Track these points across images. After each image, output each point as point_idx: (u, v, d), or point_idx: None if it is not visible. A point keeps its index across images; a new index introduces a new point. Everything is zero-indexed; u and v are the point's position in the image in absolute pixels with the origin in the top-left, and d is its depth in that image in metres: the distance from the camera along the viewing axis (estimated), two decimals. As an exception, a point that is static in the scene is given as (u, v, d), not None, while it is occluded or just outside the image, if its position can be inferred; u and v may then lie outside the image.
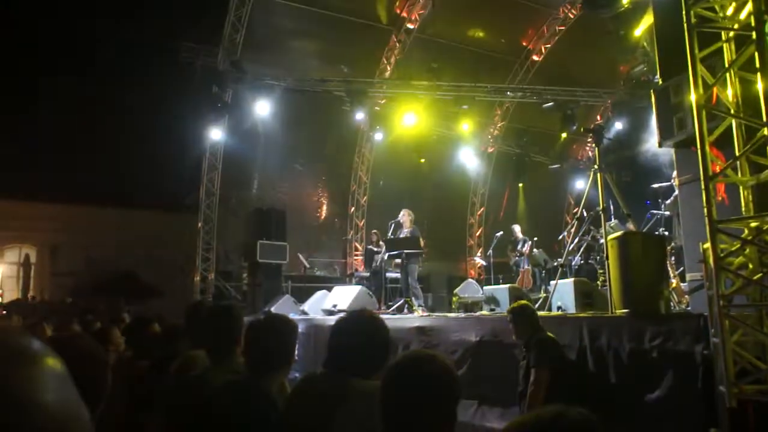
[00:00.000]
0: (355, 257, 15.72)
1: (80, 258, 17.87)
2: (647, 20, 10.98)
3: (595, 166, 6.26)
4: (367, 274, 11.75)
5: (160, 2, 14.42)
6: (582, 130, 13.14)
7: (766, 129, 3.67)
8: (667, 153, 7.84)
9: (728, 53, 4.12)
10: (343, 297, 9.29)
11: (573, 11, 15.22)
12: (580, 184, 16.48)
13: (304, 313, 9.74)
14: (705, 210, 3.73)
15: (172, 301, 12.60)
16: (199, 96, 12.95)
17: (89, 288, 15.86)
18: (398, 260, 9.76)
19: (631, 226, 6.78)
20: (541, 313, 6.04)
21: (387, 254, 9.99)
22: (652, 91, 5.65)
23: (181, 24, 13.45)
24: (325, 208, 15.80)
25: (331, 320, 2.30)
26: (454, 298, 10.69)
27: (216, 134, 12.99)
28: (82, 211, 17.86)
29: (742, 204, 4.01)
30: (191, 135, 13.48)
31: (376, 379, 1.88)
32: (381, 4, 14.44)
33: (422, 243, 9.70)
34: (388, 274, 10.98)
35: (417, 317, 7.50)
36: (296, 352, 2.94)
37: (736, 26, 3.96)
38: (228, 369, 2.70)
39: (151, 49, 13.90)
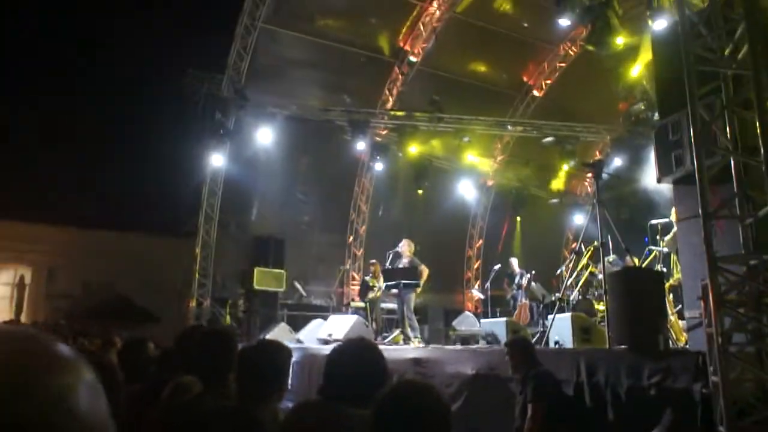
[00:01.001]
0: (353, 287, 15.64)
1: (76, 281, 17.79)
2: (645, 59, 11.15)
3: (595, 200, 6.28)
4: (364, 305, 11.67)
5: (168, 29, 14.65)
6: (582, 164, 13.22)
7: (763, 166, 3.70)
8: (666, 190, 7.88)
9: (727, 91, 4.18)
10: (338, 326, 9.21)
11: (573, 48, 15.47)
12: (579, 220, 16.50)
13: (299, 341, 9.64)
14: (704, 246, 3.74)
15: (167, 327, 12.48)
16: (202, 122, 13.05)
17: (83, 311, 15.74)
18: (395, 290, 9.70)
19: (629, 261, 6.77)
20: (538, 347, 5.99)
21: (385, 284, 9.94)
22: (653, 128, 5.71)
23: (187, 51, 13.65)
24: (324, 236, 15.77)
25: (327, 349, 2.27)
26: (451, 331, 10.61)
27: (217, 160, 13.03)
28: (81, 234, 17.83)
29: (741, 241, 4.01)
30: (193, 160, 13.54)
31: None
32: (384, 36, 14.68)
33: (425, 274, 9.64)
34: (384, 305, 10.89)
35: (412, 348, 7.43)
36: (290, 381, 2.89)
37: (734, 66, 4.02)
38: (221, 395, 2.66)
39: (156, 75, 14.08)
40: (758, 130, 3.80)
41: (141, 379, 3.91)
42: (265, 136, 12.64)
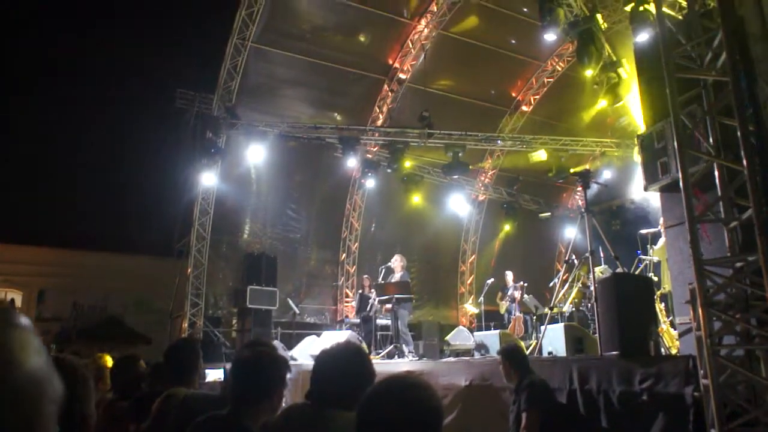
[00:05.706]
0: (346, 304, 15.58)
1: (67, 303, 17.62)
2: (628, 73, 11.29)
3: (583, 210, 6.32)
4: (357, 321, 11.62)
5: (158, 49, 14.74)
6: (570, 174, 13.29)
7: (745, 171, 3.75)
8: (655, 201, 7.93)
9: (708, 98, 4.25)
10: (332, 342, 9.17)
11: (561, 64, 15.67)
12: (570, 233, 16.54)
13: (293, 358, 9.57)
14: (691, 250, 3.77)
15: (159, 348, 12.36)
16: (193, 141, 13.05)
17: (74, 333, 15.58)
18: (389, 305, 9.68)
19: (620, 269, 6.80)
20: (531, 357, 5.98)
21: (377, 299, 9.91)
22: (636, 137, 5.79)
23: (177, 70, 13.71)
24: (316, 254, 15.74)
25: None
26: (444, 346, 10.56)
27: (209, 179, 13.01)
28: (71, 255, 17.71)
29: (727, 245, 4.05)
30: (184, 180, 13.52)
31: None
32: (373, 54, 14.79)
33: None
34: (378, 321, 10.83)
35: (407, 362, 7.40)
36: (284, 397, 2.84)
37: (713, 73, 4.10)
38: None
39: (145, 95, 14.12)
40: (739, 136, 3.86)
41: (131, 395, 3.89)
42: (256, 154, 12.65)
